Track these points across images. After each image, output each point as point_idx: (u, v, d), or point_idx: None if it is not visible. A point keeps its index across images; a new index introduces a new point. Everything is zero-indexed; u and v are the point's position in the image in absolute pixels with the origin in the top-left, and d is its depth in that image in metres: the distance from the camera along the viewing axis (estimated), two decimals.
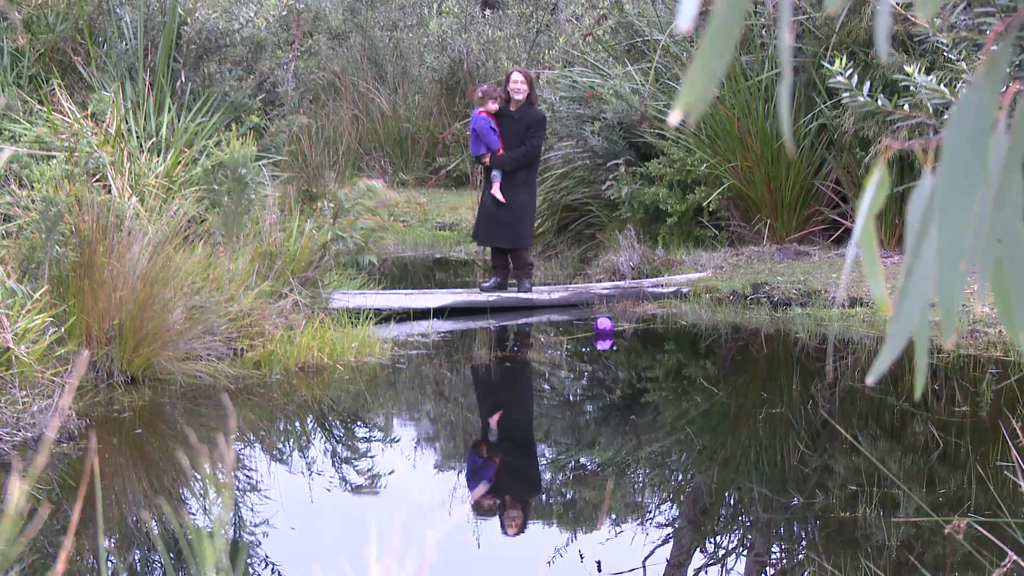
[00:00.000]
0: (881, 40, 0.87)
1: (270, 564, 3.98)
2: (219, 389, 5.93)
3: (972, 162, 0.86)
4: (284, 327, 6.64)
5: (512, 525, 4.54)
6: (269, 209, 7.54)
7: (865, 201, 0.99)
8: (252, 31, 10.13)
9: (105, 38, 9.57)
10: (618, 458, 5.37)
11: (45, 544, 3.98)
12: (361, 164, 15.69)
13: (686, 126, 10.07)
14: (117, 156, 7.08)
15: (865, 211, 0.98)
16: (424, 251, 12.33)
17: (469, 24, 17.17)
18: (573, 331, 8.11)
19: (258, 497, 4.65)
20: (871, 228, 0.99)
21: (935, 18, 3.65)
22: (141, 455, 5.12)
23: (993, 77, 0.87)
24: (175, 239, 6.40)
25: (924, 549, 4.08)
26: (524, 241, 8.59)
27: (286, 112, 10.78)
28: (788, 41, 0.87)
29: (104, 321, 5.84)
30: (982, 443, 5.25)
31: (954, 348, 2.56)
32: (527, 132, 8.35)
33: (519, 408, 6.67)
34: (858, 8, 9.63)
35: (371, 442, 5.64)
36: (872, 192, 0.99)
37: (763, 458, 5.26)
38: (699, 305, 8.63)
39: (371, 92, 16.76)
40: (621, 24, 11.85)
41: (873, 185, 0.99)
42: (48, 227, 5.72)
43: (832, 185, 9.98)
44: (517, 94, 8.40)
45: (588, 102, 10.72)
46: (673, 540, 4.35)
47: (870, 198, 0.99)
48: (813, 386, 6.54)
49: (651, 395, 6.66)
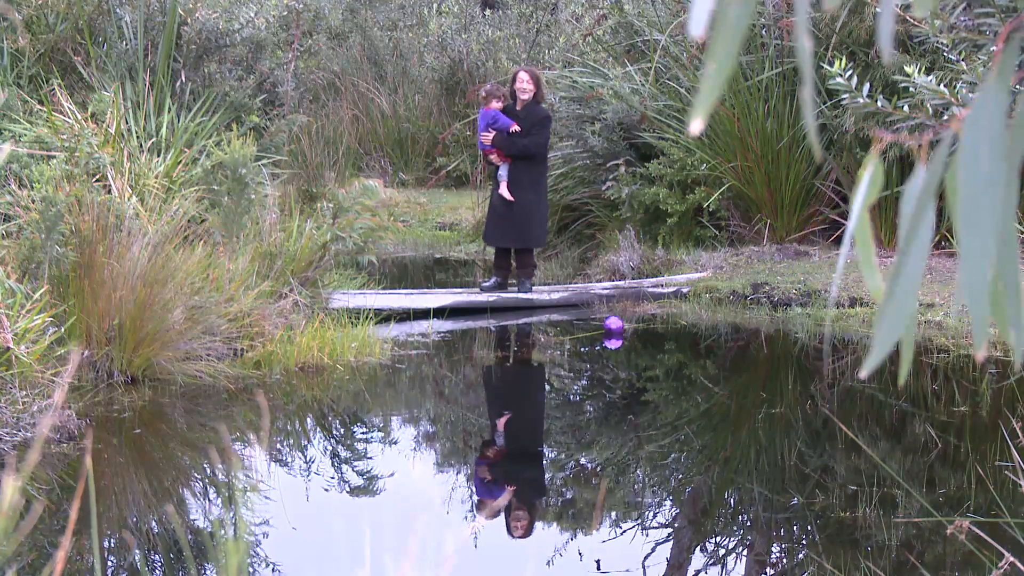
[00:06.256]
0: (884, 41, 0.87)
1: (270, 564, 3.97)
2: (219, 389, 5.93)
3: (994, 175, 0.85)
4: (284, 327, 6.64)
5: (511, 525, 4.54)
6: (269, 209, 7.53)
7: (860, 192, 0.99)
8: (252, 31, 10.13)
9: (105, 38, 9.57)
10: (618, 458, 5.37)
11: (44, 544, 3.98)
12: (361, 164, 15.69)
13: (685, 126, 10.07)
14: (117, 156, 7.08)
15: (860, 202, 0.98)
16: (424, 251, 12.33)
17: (469, 24, 17.16)
18: (573, 331, 8.11)
19: (258, 497, 4.64)
20: (866, 218, 0.98)
21: (935, 19, 3.65)
22: (141, 455, 5.12)
23: (1003, 77, 0.87)
24: (175, 239, 6.40)
25: (924, 549, 4.08)
26: (534, 241, 8.59)
27: (286, 112, 10.78)
28: (808, 46, 0.86)
29: (104, 321, 5.84)
30: (982, 443, 5.25)
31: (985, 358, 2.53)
32: (531, 129, 8.35)
33: (519, 408, 6.68)
34: (858, 8, 9.63)
35: (371, 442, 5.64)
36: (867, 183, 0.99)
37: (763, 458, 5.26)
38: (699, 305, 8.63)
39: (371, 92, 16.76)
40: (621, 24, 11.85)
41: (868, 177, 0.99)
42: (48, 227, 5.72)
43: (832, 185, 9.98)
44: (523, 93, 8.41)
45: (588, 102, 10.72)
46: (673, 540, 4.35)
47: (865, 189, 0.99)
48: (813, 386, 6.54)
49: (651, 395, 6.66)
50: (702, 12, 0.83)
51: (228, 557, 1.30)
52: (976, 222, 0.86)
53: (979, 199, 0.86)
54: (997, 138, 0.86)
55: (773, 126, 9.90)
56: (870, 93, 3.84)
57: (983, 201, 0.86)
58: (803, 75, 0.88)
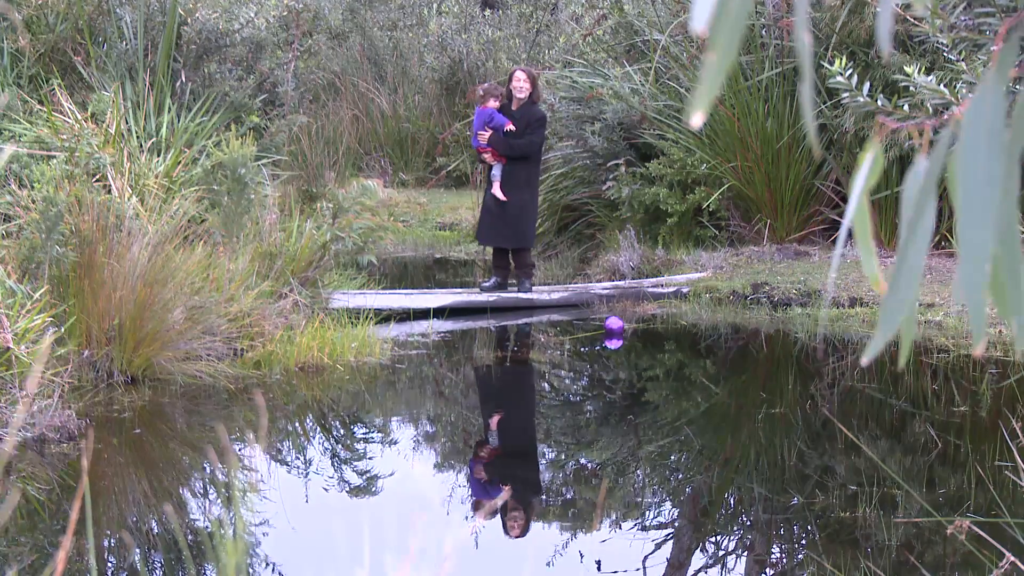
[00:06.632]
0: (883, 40, 0.87)
1: (270, 564, 3.97)
2: (219, 389, 5.93)
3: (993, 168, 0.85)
4: (284, 327, 6.64)
5: (512, 525, 4.54)
6: (269, 209, 7.53)
7: (859, 179, 0.98)
8: (252, 31, 10.13)
9: (105, 38, 9.57)
10: (618, 458, 5.37)
11: (45, 544, 3.98)
12: (361, 164, 15.69)
13: (685, 125, 10.07)
14: (117, 156, 7.08)
15: (859, 189, 0.97)
16: (424, 251, 12.33)
17: (469, 24, 17.16)
18: (573, 331, 8.11)
19: (257, 497, 4.64)
20: (864, 206, 0.98)
21: (935, 19, 3.65)
22: (141, 455, 5.12)
23: (1002, 72, 0.87)
24: (175, 239, 6.40)
25: (924, 549, 4.08)
26: (527, 241, 8.59)
27: (286, 112, 10.78)
28: (808, 42, 0.86)
29: (104, 321, 5.83)
30: (982, 443, 5.25)
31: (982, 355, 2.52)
32: (526, 129, 8.35)
33: (519, 408, 6.68)
34: (858, 8, 9.63)
35: (370, 442, 5.64)
36: (866, 170, 0.98)
37: (763, 458, 5.26)
38: (699, 305, 8.63)
39: (371, 92, 16.76)
40: (621, 24, 11.85)
41: (869, 161, 0.98)
42: (48, 227, 5.72)
43: (832, 185, 9.98)
44: (519, 92, 8.40)
45: (588, 102, 10.72)
46: (673, 540, 4.35)
47: (864, 176, 0.98)
48: (813, 386, 6.54)
49: (651, 395, 6.66)
50: (704, 7, 0.83)
51: (227, 557, 1.29)
52: (975, 215, 0.86)
53: (978, 192, 0.86)
54: (996, 131, 0.86)
55: (773, 126, 9.90)
56: (870, 92, 3.84)
57: (982, 194, 0.86)
58: (803, 74, 0.87)
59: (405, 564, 1.58)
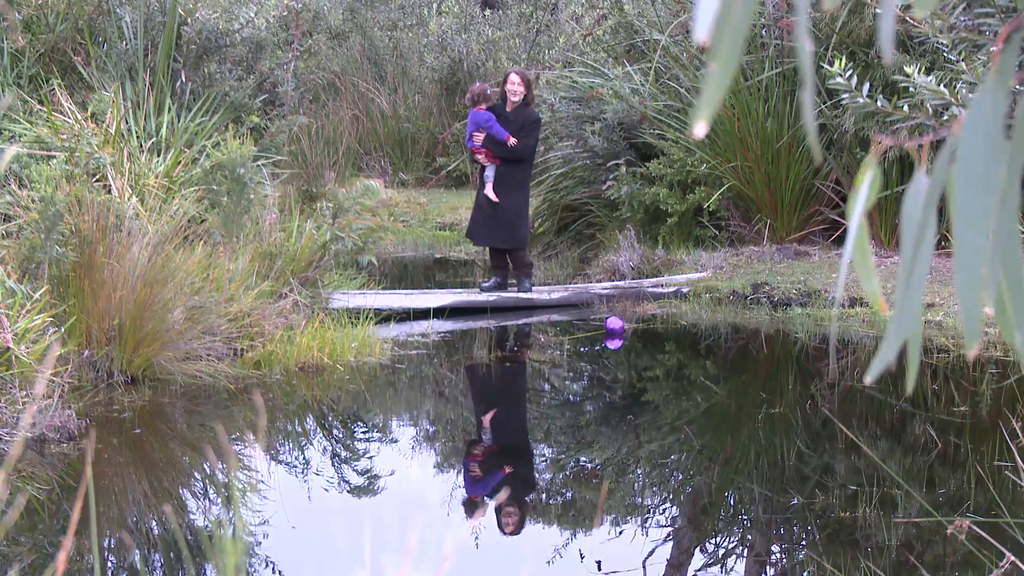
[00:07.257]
0: (885, 41, 0.87)
1: (270, 564, 3.98)
2: (219, 389, 5.93)
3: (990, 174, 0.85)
4: (284, 327, 6.64)
5: (512, 525, 4.54)
6: (269, 209, 7.53)
7: (859, 201, 0.98)
8: (252, 31, 10.12)
9: (105, 38, 9.57)
10: (618, 458, 5.37)
11: (45, 544, 3.98)
12: (361, 164, 15.69)
13: (686, 127, 10.07)
14: (117, 156, 7.08)
15: (859, 211, 0.98)
16: (424, 251, 12.33)
17: (469, 24, 17.16)
18: (573, 331, 8.11)
19: (258, 497, 4.65)
20: (864, 229, 0.98)
21: (935, 19, 3.65)
22: (141, 455, 5.12)
23: (1002, 77, 0.87)
24: (175, 239, 6.40)
25: (924, 549, 4.09)
26: (522, 241, 8.59)
27: (286, 112, 10.78)
28: (809, 49, 0.86)
29: (104, 321, 5.84)
30: (982, 443, 5.25)
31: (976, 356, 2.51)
32: (520, 132, 8.34)
33: (519, 408, 6.68)
34: (858, 8, 9.63)
35: (370, 442, 5.64)
36: (865, 191, 0.98)
37: (763, 458, 5.26)
38: (699, 305, 8.63)
39: (371, 92, 16.76)
40: (621, 24, 11.85)
41: (866, 184, 0.98)
42: (48, 227, 5.72)
43: (832, 185, 9.98)
44: (513, 95, 8.40)
45: (588, 102, 10.72)
46: (673, 540, 4.35)
47: (863, 197, 0.98)
48: (813, 386, 6.54)
49: (651, 395, 6.66)
50: (707, 16, 0.83)
51: (227, 557, 1.30)
52: (971, 221, 0.86)
53: (975, 199, 0.86)
54: (995, 139, 0.86)
55: (773, 126, 9.90)
56: (870, 93, 3.84)
57: (979, 201, 0.86)
58: (803, 75, 0.87)
59: (405, 564, 1.58)
